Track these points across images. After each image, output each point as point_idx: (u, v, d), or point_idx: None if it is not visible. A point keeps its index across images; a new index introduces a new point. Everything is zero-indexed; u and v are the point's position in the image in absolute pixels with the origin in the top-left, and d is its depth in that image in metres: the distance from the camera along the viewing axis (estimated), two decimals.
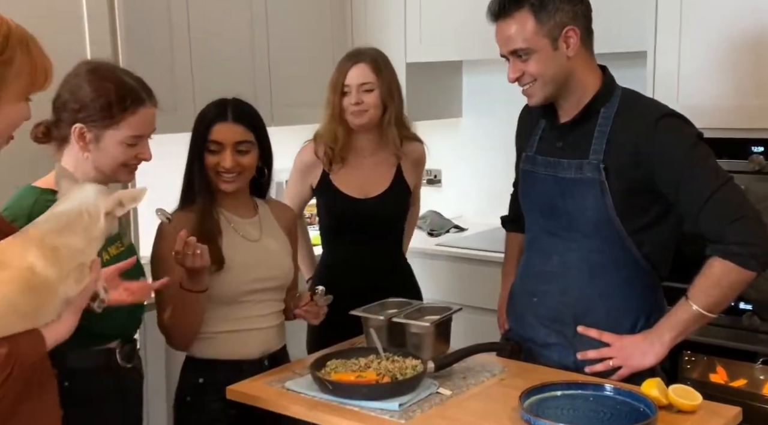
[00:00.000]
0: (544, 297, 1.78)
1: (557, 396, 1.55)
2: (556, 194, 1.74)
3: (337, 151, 2.24)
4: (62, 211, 1.26)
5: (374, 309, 1.87)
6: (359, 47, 2.31)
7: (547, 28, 1.65)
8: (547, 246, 1.79)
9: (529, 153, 1.84)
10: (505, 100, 3.42)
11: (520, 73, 1.70)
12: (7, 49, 1.16)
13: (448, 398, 1.58)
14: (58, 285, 1.17)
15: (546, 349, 1.78)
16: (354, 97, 2.19)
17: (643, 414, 1.45)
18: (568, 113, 1.74)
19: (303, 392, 1.61)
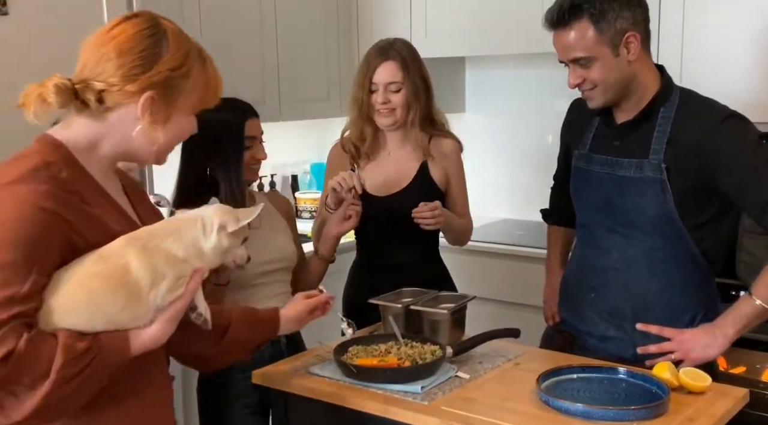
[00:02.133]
0: (603, 292, 1.81)
1: (573, 379, 1.61)
2: (613, 192, 1.76)
3: (363, 150, 2.21)
4: (178, 218, 1.26)
5: (391, 298, 1.93)
6: (388, 40, 2.20)
7: (608, 36, 1.65)
8: (604, 242, 1.81)
9: (582, 151, 1.86)
10: (507, 96, 3.51)
11: (581, 79, 1.70)
12: (187, 62, 1.21)
13: (467, 381, 1.65)
14: (149, 290, 1.15)
15: (604, 342, 1.81)
16: (381, 97, 2.13)
17: (655, 395, 1.52)
18: (627, 113, 1.75)
19: (327, 376, 1.66)
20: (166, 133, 1.21)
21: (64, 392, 1.06)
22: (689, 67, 2.50)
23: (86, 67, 1.18)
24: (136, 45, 1.17)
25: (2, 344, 1.02)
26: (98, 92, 1.17)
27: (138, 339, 1.16)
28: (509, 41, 3.06)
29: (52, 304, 1.10)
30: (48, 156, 1.15)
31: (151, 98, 1.18)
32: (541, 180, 3.42)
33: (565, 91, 3.30)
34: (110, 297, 1.13)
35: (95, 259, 1.14)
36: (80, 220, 1.14)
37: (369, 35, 3.39)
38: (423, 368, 1.63)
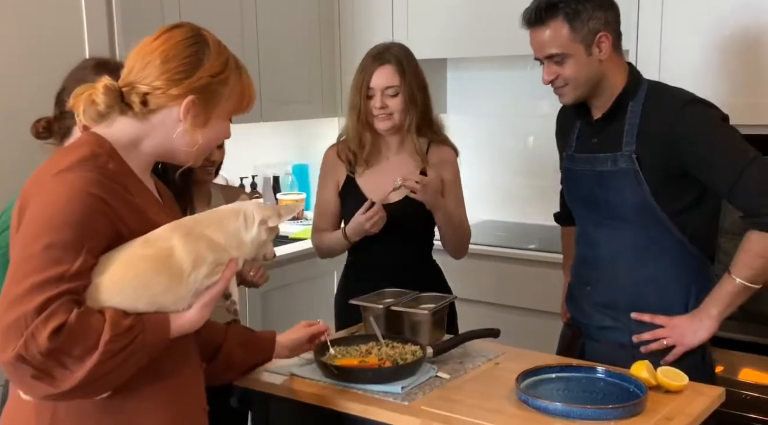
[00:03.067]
0: (597, 285, 1.87)
1: (552, 378, 1.63)
2: (595, 187, 1.83)
3: (362, 157, 2.18)
4: (222, 209, 1.32)
5: (372, 298, 1.93)
6: (385, 45, 2.18)
7: (581, 35, 1.72)
8: (594, 236, 1.87)
9: (569, 152, 1.93)
10: (488, 98, 3.53)
11: (554, 76, 1.78)
12: (226, 70, 1.29)
13: (447, 381, 1.65)
14: (190, 273, 1.21)
15: (603, 331, 1.86)
16: (378, 101, 2.11)
17: (633, 394, 1.54)
18: (600, 110, 1.83)
19: (308, 377, 1.66)
20: (205, 135, 1.28)
21: (109, 366, 1.11)
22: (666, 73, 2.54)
23: (132, 71, 1.26)
24: (180, 52, 1.25)
25: (55, 317, 1.08)
26: (143, 95, 1.24)
27: (177, 321, 1.22)
28: (490, 43, 3.08)
29: (99, 283, 1.16)
30: (96, 148, 1.22)
31: (192, 102, 1.25)
32: (522, 181, 3.47)
33: (546, 94, 3.36)
34: (154, 278, 1.19)
35: (141, 242, 1.20)
36: (124, 208, 1.20)
37: (351, 37, 3.40)
38: (403, 368, 1.63)
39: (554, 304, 2.88)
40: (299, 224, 3.36)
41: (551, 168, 3.37)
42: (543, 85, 3.39)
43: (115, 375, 1.14)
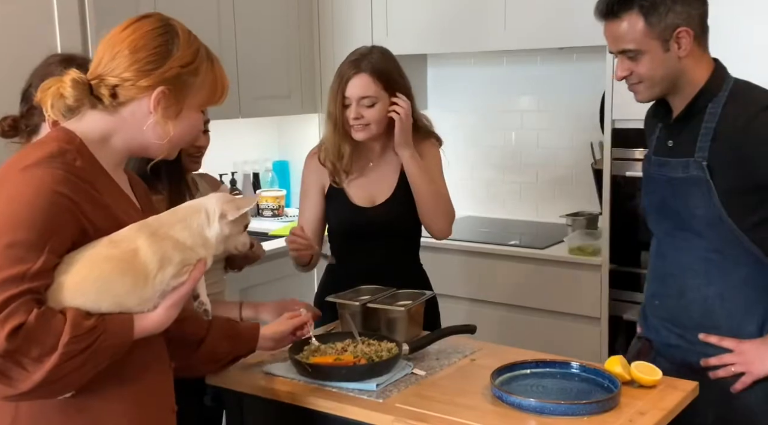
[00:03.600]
0: (664, 300, 1.75)
1: (527, 374, 1.62)
2: (668, 194, 1.71)
3: (341, 168, 2.11)
4: (183, 206, 1.30)
5: (349, 295, 1.92)
6: (363, 51, 2.08)
7: (657, 30, 1.60)
8: (663, 247, 1.76)
9: (647, 154, 1.80)
10: (469, 94, 3.53)
11: (628, 72, 1.66)
12: (197, 60, 1.27)
13: (422, 378, 1.65)
14: (156, 274, 1.19)
15: (669, 349, 1.75)
16: (353, 111, 2.03)
17: (607, 389, 1.54)
18: (679, 110, 1.69)
19: (282, 375, 1.65)
20: (176, 127, 1.26)
21: (68, 367, 1.10)
22: None
23: (101, 63, 1.24)
24: (149, 42, 1.23)
25: (13, 317, 1.07)
26: (112, 87, 1.22)
27: (141, 323, 1.20)
28: (471, 39, 3.08)
29: (62, 283, 1.14)
30: (64, 144, 1.20)
31: (162, 93, 1.23)
32: (503, 177, 3.47)
33: (527, 89, 3.40)
34: (119, 280, 1.17)
35: (107, 243, 1.18)
36: (91, 207, 1.18)
37: (330, 32, 3.39)
38: (378, 366, 1.62)
39: (536, 300, 2.90)
40: (279, 221, 3.34)
41: (532, 164, 3.41)
42: (523, 81, 3.46)
43: (75, 376, 1.12)
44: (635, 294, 2.65)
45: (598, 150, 2.86)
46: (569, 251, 2.81)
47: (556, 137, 3.31)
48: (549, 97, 3.31)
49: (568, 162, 3.26)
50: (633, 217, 2.65)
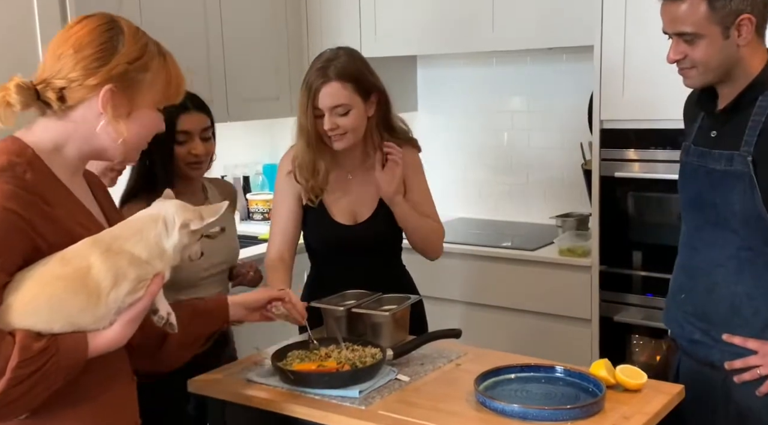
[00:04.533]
0: (691, 294, 1.70)
1: (511, 379, 1.61)
2: (705, 186, 1.65)
3: (317, 186, 2.00)
4: (140, 216, 1.24)
5: (334, 300, 1.91)
6: (329, 56, 1.94)
7: (720, 15, 1.52)
8: (695, 241, 1.70)
9: (686, 143, 1.73)
10: (460, 95, 3.52)
11: (681, 55, 1.59)
12: (145, 55, 1.23)
13: (406, 383, 1.63)
14: (110, 292, 1.15)
15: (693, 345, 1.71)
16: (327, 123, 1.91)
17: (591, 393, 1.52)
18: (726, 100, 1.62)
19: (265, 382, 1.64)
20: (130, 127, 1.22)
21: (18, 391, 1.06)
22: None
23: (46, 66, 1.20)
24: (94, 40, 1.19)
25: None
26: (59, 90, 1.18)
27: (96, 341, 1.16)
28: (460, 40, 3.06)
29: (11, 303, 1.11)
30: (13, 157, 1.16)
31: (110, 91, 1.19)
32: (495, 178, 3.46)
33: (517, 89, 3.39)
34: (71, 299, 1.13)
35: (58, 260, 1.14)
36: (42, 222, 1.14)
37: (319, 33, 3.37)
38: (361, 372, 1.61)
39: (526, 302, 2.88)
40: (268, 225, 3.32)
41: (524, 165, 3.40)
42: (513, 82, 3.44)
43: (26, 399, 1.09)
44: (626, 295, 2.63)
45: (588, 150, 2.85)
46: (559, 253, 2.80)
47: (546, 137, 3.30)
48: (540, 98, 3.30)
49: (559, 163, 3.25)
50: (623, 218, 2.64)
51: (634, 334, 2.61)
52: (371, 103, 1.98)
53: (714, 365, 1.65)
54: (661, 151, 2.51)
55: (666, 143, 2.49)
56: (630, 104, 2.53)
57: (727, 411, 1.63)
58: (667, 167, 2.46)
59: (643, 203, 2.63)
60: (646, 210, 2.64)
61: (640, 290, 2.60)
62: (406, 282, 2.18)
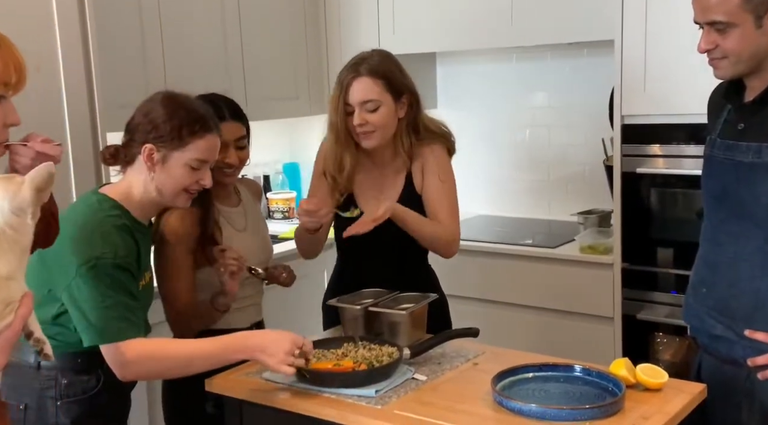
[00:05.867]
0: (713, 288, 1.67)
1: (529, 378, 1.59)
2: (731, 179, 1.62)
3: (342, 181, 2.02)
4: None
5: (351, 299, 1.90)
6: (363, 55, 2.00)
7: (753, 4, 1.50)
8: (718, 235, 1.67)
9: (712, 136, 1.70)
10: (480, 91, 3.49)
11: (713, 45, 1.56)
12: None
13: (423, 383, 1.62)
14: None
15: (713, 341, 1.68)
16: (357, 118, 1.94)
17: (611, 392, 1.50)
18: (755, 91, 1.60)
19: (281, 382, 1.64)
20: None
21: None
22: None
23: None
24: None
25: None
26: None
27: None
28: (479, 36, 3.04)
29: None
30: None
31: None
32: (517, 175, 3.43)
33: (539, 85, 3.36)
34: None
35: None
36: None
37: (337, 32, 3.37)
38: (377, 372, 1.60)
39: (548, 300, 2.85)
40: (290, 223, 3.33)
41: (545, 161, 3.36)
42: (534, 78, 3.41)
43: None
44: (648, 293, 2.59)
45: (610, 146, 2.81)
46: (580, 250, 2.76)
47: (568, 133, 3.26)
48: (560, 94, 3.26)
49: (581, 159, 3.21)
50: (645, 214, 2.60)
51: (657, 332, 2.56)
52: (402, 104, 1.99)
53: (737, 361, 1.61)
54: (683, 146, 2.47)
55: (688, 137, 2.44)
56: (651, 99, 2.49)
57: (751, 408, 1.60)
58: (689, 163, 2.42)
59: (665, 199, 2.58)
60: (669, 206, 2.60)
61: (663, 288, 2.56)
62: (430, 280, 2.18)
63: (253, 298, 1.97)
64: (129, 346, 1.54)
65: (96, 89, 2.20)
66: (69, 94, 2.14)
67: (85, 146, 2.19)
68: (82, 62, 2.17)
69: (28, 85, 1.58)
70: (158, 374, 1.71)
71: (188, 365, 1.58)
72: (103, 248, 1.56)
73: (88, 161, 2.19)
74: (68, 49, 2.13)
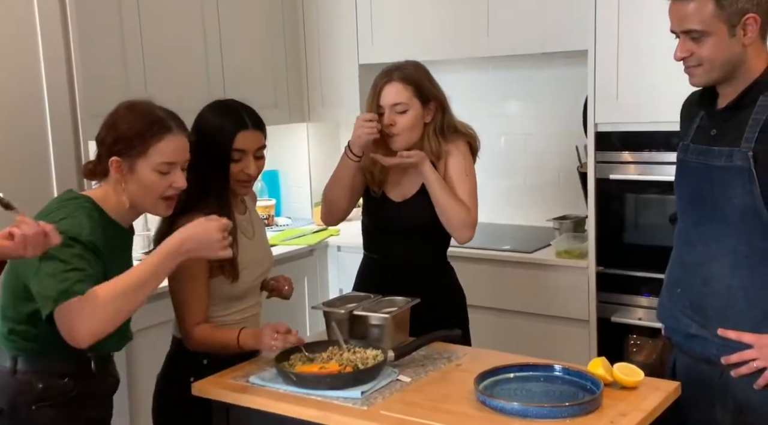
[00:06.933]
0: (688, 288, 1.72)
1: (510, 378, 1.64)
2: (704, 182, 1.68)
3: (377, 175, 2.17)
4: None
5: (335, 303, 1.94)
6: (397, 63, 2.18)
7: (726, 14, 1.57)
8: (691, 236, 1.72)
9: (684, 142, 1.76)
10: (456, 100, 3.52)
11: (688, 53, 1.62)
12: None
13: (407, 384, 1.66)
14: None
15: (688, 340, 1.72)
16: (387, 118, 2.09)
17: (589, 390, 1.55)
18: (727, 98, 1.66)
19: (267, 385, 1.66)
20: None
21: None
22: None
23: None
24: None
25: None
26: None
27: None
28: (455, 46, 3.10)
29: None
30: None
31: None
32: (492, 182, 3.48)
33: (511, 94, 3.42)
34: None
35: None
36: None
37: (316, 41, 3.41)
38: (362, 373, 1.63)
39: (524, 303, 2.91)
40: (270, 231, 3.35)
41: (521, 168, 3.43)
42: (510, 85, 3.47)
43: None
44: (623, 296, 2.66)
45: (584, 153, 2.88)
46: (556, 255, 2.83)
47: (543, 140, 3.33)
48: (535, 102, 3.33)
49: (555, 166, 3.28)
50: (619, 219, 2.67)
51: (631, 334, 2.63)
52: (429, 110, 2.14)
53: (710, 360, 1.66)
54: (655, 153, 2.55)
55: (660, 144, 2.52)
56: (624, 107, 2.57)
57: (725, 405, 1.66)
58: (661, 169, 2.50)
59: (638, 205, 2.66)
60: (642, 211, 2.67)
61: (637, 291, 2.63)
62: (448, 272, 2.29)
63: (253, 309, 1.96)
64: (75, 303, 1.48)
65: (78, 98, 2.20)
66: (51, 103, 2.14)
67: (68, 154, 2.19)
68: (64, 71, 2.17)
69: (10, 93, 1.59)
70: (112, 313, 1.52)
71: (138, 289, 1.53)
72: (69, 225, 1.54)
73: (70, 169, 2.19)
74: (51, 58, 2.14)
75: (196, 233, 1.58)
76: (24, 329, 1.62)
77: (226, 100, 1.93)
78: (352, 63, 3.33)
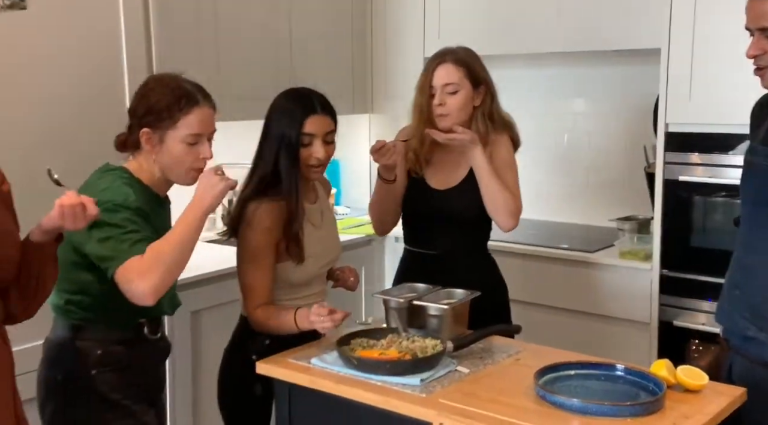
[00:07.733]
0: (747, 290, 1.70)
1: (571, 375, 1.63)
2: (767, 183, 1.65)
3: (422, 155, 2.20)
4: None
5: (394, 292, 1.96)
6: (448, 47, 2.22)
7: None
8: (754, 238, 1.70)
9: (753, 143, 1.74)
10: (520, 96, 3.51)
11: (761, 51, 1.59)
12: None
13: (466, 375, 1.67)
14: None
15: (745, 343, 1.70)
16: (437, 99, 2.13)
17: (651, 391, 1.54)
18: None
19: (328, 367, 1.70)
20: None
21: None
22: None
23: None
24: None
25: None
26: None
27: None
28: (523, 41, 3.08)
29: None
30: None
31: None
32: (554, 179, 3.46)
33: (579, 91, 3.38)
34: None
35: None
36: None
37: (382, 34, 3.43)
38: (422, 361, 1.65)
39: (585, 303, 2.88)
40: None
41: (583, 167, 3.38)
42: (576, 83, 3.43)
43: None
44: (686, 300, 2.61)
45: (652, 153, 2.82)
46: (620, 256, 2.79)
47: (608, 139, 3.28)
48: (602, 100, 3.28)
49: (620, 165, 3.23)
50: (686, 222, 2.61)
51: (693, 339, 2.58)
52: (479, 94, 2.17)
53: (767, 363, 1.63)
54: (727, 155, 2.49)
55: (732, 147, 2.46)
56: (697, 108, 2.51)
57: None
58: (732, 172, 2.43)
59: (706, 208, 2.60)
60: (709, 215, 2.61)
61: (701, 296, 2.57)
62: (493, 269, 2.32)
63: (318, 296, 1.98)
64: (136, 261, 1.58)
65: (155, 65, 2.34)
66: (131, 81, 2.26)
67: None
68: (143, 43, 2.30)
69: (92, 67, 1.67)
70: (169, 268, 1.60)
71: (184, 245, 1.61)
72: (113, 194, 1.63)
73: None
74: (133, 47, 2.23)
75: (200, 186, 1.67)
76: (79, 299, 1.70)
77: (298, 88, 1.97)
78: (417, 56, 3.34)
